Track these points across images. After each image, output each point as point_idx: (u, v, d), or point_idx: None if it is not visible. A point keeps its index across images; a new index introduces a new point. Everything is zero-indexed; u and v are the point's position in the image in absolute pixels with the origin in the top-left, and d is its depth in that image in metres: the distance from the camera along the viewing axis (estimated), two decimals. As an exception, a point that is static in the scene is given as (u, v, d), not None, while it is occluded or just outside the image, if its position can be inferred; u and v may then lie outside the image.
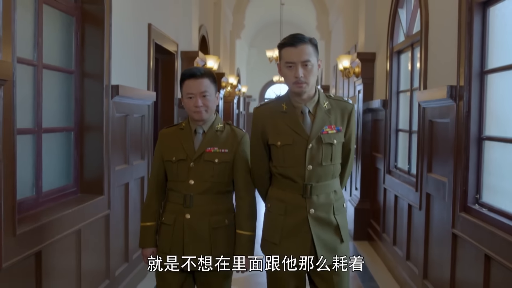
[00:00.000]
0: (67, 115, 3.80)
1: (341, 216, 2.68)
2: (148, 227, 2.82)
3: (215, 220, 2.71)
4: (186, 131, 2.79)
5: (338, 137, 2.65)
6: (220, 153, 2.74)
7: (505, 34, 3.12)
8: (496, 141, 3.24)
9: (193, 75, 2.70)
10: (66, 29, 3.75)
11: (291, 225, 2.61)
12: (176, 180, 2.75)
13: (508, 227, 2.83)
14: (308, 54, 2.55)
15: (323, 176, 2.63)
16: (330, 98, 2.71)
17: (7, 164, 2.57)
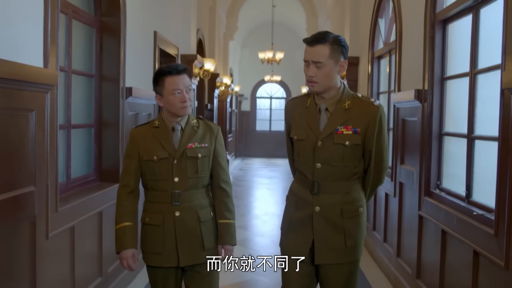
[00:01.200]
0: (89, 113, 4.39)
1: (352, 220, 2.64)
2: (126, 228, 2.71)
3: (203, 214, 2.74)
4: (163, 129, 2.74)
5: (353, 139, 2.58)
6: (201, 147, 2.74)
7: (460, 47, 3.75)
8: (452, 136, 3.88)
9: (177, 71, 2.67)
10: (88, 39, 4.34)
11: (298, 219, 2.67)
12: (158, 179, 2.71)
13: (460, 207, 3.47)
14: (321, 56, 2.51)
15: (332, 175, 2.61)
16: (357, 98, 2.63)
17: (52, 154, 3.16)
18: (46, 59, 3.07)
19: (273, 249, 6.41)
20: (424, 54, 4.16)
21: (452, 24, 3.91)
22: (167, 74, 2.66)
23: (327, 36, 2.52)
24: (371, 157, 2.63)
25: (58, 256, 3.34)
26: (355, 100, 2.61)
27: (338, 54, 2.54)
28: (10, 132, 2.70)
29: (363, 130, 2.58)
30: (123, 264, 2.72)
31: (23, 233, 2.86)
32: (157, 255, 2.71)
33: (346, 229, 2.62)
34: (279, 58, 13.75)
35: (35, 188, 2.95)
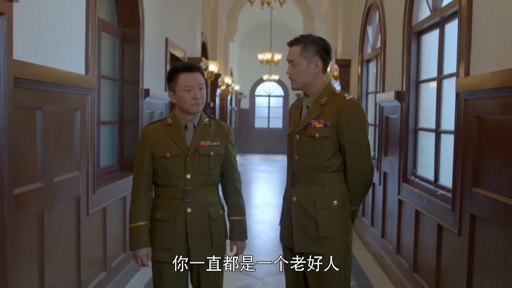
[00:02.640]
0: (113, 112, 5.06)
1: (325, 211, 2.71)
2: (141, 227, 2.74)
3: (213, 211, 2.78)
4: (176, 127, 2.78)
5: (322, 132, 2.69)
6: (213, 146, 2.79)
7: (431, 55, 4.43)
8: (425, 130, 4.57)
9: (190, 68, 2.75)
10: (112, 47, 5.01)
11: (284, 209, 2.87)
12: (170, 176, 2.74)
13: (429, 189, 4.15)
14: (292, 54, 2.73)
15: (307, 167, 2.74)
16: (334, 94, 2.75)
17: (91, 145, 3.84)
18: (87, 67, 3.74)
19: (272, 234, 7.09)
20: (403, 60, 4.84)
21: (425, 35, 4.59)
22: (180, 71, 2.74)
23: (302, 38, 2.73)
24: (345, 152, 2.71)
25: (95, 229, 4.02)
26: (332, 96, 2.73)
27: (311, 54, 2.70)
28: (63, 128, 3.37)
29: (333, 124, 2.68)
30: (137, 262, 2.77)
31: (71, 208, 3.53)
32: (166, 250, 2.73)
33: (319, 220, 2.69)
34: (277, 59, 14.44)
35: (80, 173, 3.62)
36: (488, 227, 2.95)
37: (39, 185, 3.01)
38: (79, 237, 3.64)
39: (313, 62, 2.73)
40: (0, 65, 2.30)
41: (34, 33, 2.92)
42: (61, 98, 3.29)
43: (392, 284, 4.93)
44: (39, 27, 3.00)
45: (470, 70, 3.26)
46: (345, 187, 2.77)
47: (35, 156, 2.98)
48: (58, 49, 3.30)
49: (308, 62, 2.72)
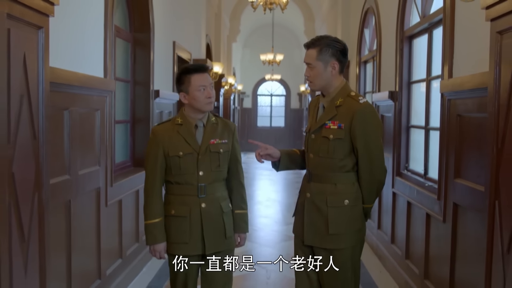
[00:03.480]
0: (126, 112, 5.42)
1: (336, 210, 2.80)
2: (157, 223, 2.89)
3: (224, 205, 2.96)
4: (187, 126, 2.90)
5: (336, 133, 2.76)
6: (222, 143, 2.93)
7: (421, 58, 4.78)
8: (416, 128, 4.92)
9: (202, 69, 2.88)
10: (125, 51, 5.37)
11: (298, 204, 3.00)
12: (184, 174, 2.87)
13: (419, 182, 4.50)
14: (309, 58, 2.79)
15: (320, 166, 2.84)
16: (349, 96, 2.80)
17: (110, 142, 4.20)
18: (106, 71, 4.10)
19: (275, 227, 7.45)
20: (396, 62, 5.19)
21: (416, 39, 4.94)
22: (193, 72, 2.85)
23: (318, 41, 2.78)
24: (358, 154, 2.77)
25: (112, 219, 4.38)
26: (347, 98, 2.79)
27: (327, 56, 2.76)
28: (85, 126, 3.73)
29: (347, 126, 2.74)
30: (155, 255, 2.93)
31: (92, 199, 3.89)
32: (183, 244, 2.88)
33: (330, 217, 2.79)
34: (279, 59, 14.81)
35: (100, 167, 3.99)
36: (468, 213, 3.31)
37: (67, 177, 3.37)
38: (99, 225, 4.00)
39: (330, 65, 2.77)
40: (39, 72, 2.66)
41: (61, 42, 3.28)
42: (84, 100, 3.65)
43: (387, 271, 5.28)
44: (66, 37, 3.35)
45: (453, 73, 3.62)
46: (357, 186, 2.84)
47: (63, 151, 3.34)
48: (81, 56, 3.66)
49: (324, 65, 2.77)
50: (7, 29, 2.33)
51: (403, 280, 4.68)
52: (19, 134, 2.45)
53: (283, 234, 6.89)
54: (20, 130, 2.46)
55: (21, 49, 2.46)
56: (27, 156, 2.54)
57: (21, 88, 2.47)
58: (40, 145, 2.67)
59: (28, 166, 2.55)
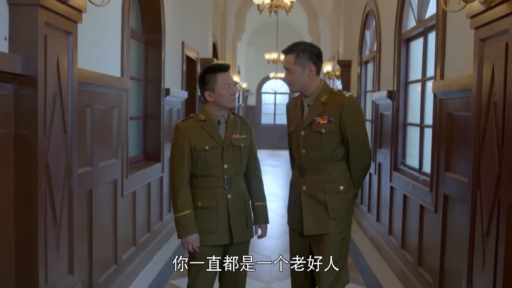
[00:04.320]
0: (138, 109, 5.73)
1: (333, 196, 3.04)
2: (187, 215, 2.98)
3: (246, 197, 3.14)
4: (210, 122, 3.05)
5: (327, 127, 3.00)
6: (242, 138, 3.10)
7: (417, 60, 5.08)
8: (412, 125, 5.22)
9: (226, 68, 3.05)
10: (138, 51, 5.68)
11: (293, 198, 3.17)
12: (210, 167, 3.01)
13: (414, 176, 4.81)
14: (288, 63, 3.03)
15: (314, 159, 3.05)
16: (332, 92, 3.07)
17: (126, 137, 4.51)
18: (122, 70, 4.41)
19: (278, 220, 7.75)
20: (394, 63, 5.49)
21: (413, 42, 5.24)
22: (218, 71, 3.01)
23: (295, 47, 3.02)
24: (348, 143, 3.04)
25: (127, 209, 4.70)
26: (331, 95, 3.05)
27: (304, 60, 3.00)
28: (104, 122, 4.04)
29: (336, 119, 3.00)
30: (188, 248, 2.99)
31: (110, 190, 4.21)
32: (211, 234, 3.01)
33: (329, 203, 3.03)
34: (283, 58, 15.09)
35: (117, 160, 4.30)
36: (456, 203, 3.61)
37: (89, 169, 3.68)
38: (116, 214, 4.32)
39: (307, 68, 3.02)
40: (69, 72, 2.97)
41: (85, 45, 3.58)
42: (104, 97, 3.96)
43: (384, 261, 5.59)
44: (88, 39, 3.65)
45: (444, 74, 3.92)
46: (348, 173, 3.11)
47: (86, 145, 3.65)
48: (101, 56, 3.97)
49: (302, 68, 3.01)
50: (45, 35, 2.64)
51: (399, 268, 4.98)
52: (53, 128, 2.77)
53: (286, 227, 7.17)
54: (54, 125, 2.78)
55: (55, 52, 2.77)
56: (59, 148, 2.85)
57: (55, 87, 2.79)
58: (69, 138, 2.99)
59: (59, 157, 2.87)
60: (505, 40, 2.59)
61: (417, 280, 4.44)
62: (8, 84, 2.53)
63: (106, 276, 4.11)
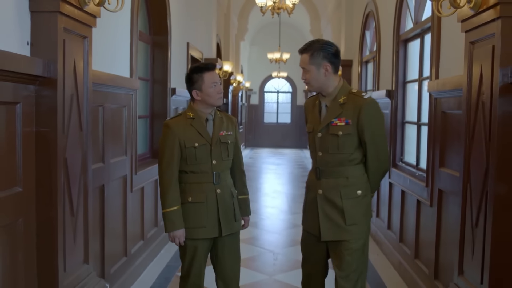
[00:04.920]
0: (145, 108, 5.94)
1: (350, 201, 2.93)
2: (176, 211, 3.08)
3: (233, 190, 3.25)
4: (198, 120, 3.13)
5: (345, 129, 2.89)
6: (229, 135, 3.20)
7: (414, 60, 5.27)
8: (410, 123, 5.41)
9: (213, 67, 3.15)
10: (145, 53, 5.88)
11: (308, 201, 3.10)
12: (199, 163, 3.10)
13: (411, 172, 5.00)
14: (303, 63, 2.95)
15: (331, 162, 2.95)
16: (351, 93, 2.95)
17: (135, 135, 4.71)
18: (131, 71, 4.62)
19: (281, 216, 7.96)
20: (392, 64, 5.68)
21: (410, 43, 5.43)
22: (204, 70, 3.09)
23: (310, 46, 2.94)
24: (366, 146, 2.92)
25: (136, 204, 4.90)
26: (349, 95, 2.94)
27: (319, 59, 2.91)
28: (115, 121, 4.24)
29: (354, 121, 2.88)
30: (174, 241, 3.12)
31: (120, 185, 4.41)
32: (202, 228, 3.11)
33: (346, 209, 2.91)
34: (286, 58, 15.31)
35: (126, 157, 4.50)
36: (450, 197, 3.80)
37: (101, 165, 3.89)
38: (125, 209, 4.52)
39: (322, 67, 2.92)
40: (85, 74, 3.17)
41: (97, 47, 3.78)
42: (115, 97, 4.16)
43: (383, 254, 5.78)
44: (100, 42, 3.85)
45: (439, 74, 4.11)
46: (366, 177, 3.00)
47: (98, 142, 3.85)
48: (112, 58, 4.17)
49: (317, 68, 2.92)
50: (63, 40, 2.85)
51: (397, 260, 5.18)
52: (70, 126, 2.98)
53: (289, 222, 7.41)
54: (71, 123, 2.98)
55: (72, 56, 2.97)
56: (75, 144, 3.06)
57: (72, 88, 2.99)
58: (84, 136, 3.20)
59: (76, 153, 3.08)
60: (492, 43, 2.79)
61: (414, 271, 4.63)
62: (30, 86, 2.73)
63: (117, 268, 4.31)
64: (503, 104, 2.71)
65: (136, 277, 4.79)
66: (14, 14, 2.64)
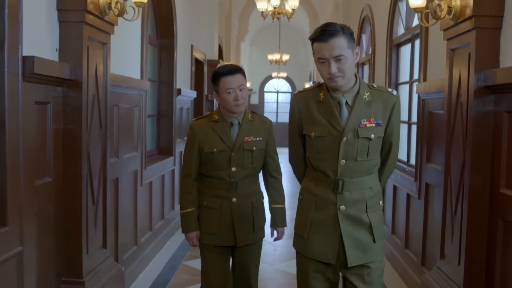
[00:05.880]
0: (152, 107, 6.29)
1: (375, 214, 2.52)
2: (191, 213, 3.04)
3: (255, 200, 3.05)
4: (222, 124, 2.99)
5: (377, 131, 2.46)
6: (256, 141, 3.00)
7: (406, 63, 5.62)
8: (402, 122, 5.75)
9: (231, 72, 2.92)
10: (152, 55, 6.23)
11: (320, 221, 2.51)
12: (217, 169, 2.98)
13: (402, 168, 5.35)
14: (340, 48, 2.33)
15: (357, 171, 2.47)
16: (373, 88, 2.51)
17: (144, 132, 5.07)
18: (142, 73, 4.97)
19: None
20: (386, 66, 6.03)
21: (402, 47, 5.78)
22: (221, 75, 2.93)
23: (335, 29, 2.35)
24: (390, 149, 2.57)
25: (145, 197, 5.26)
26: (373, 91, 2.50)
27: (352, 43, 2.39)
28: (128, 119, 4.58)
29: (385, 122, 2.49)
30: (189, 242, 3.10)
31: (132, 179, 4.76)
32: (212, 235, 3.03)
33: (373, 224, 2.49)
34: (285, 59, 15.68)
35: (137, 153, 4.85)
36: (435, 189, 4.15)
37: (116, 160, 4.23)
38: (136, 201, 4.87)
39: (355, 52, 2.43)
40: (104, 77, 3.53)
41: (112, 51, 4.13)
42: (128, 97, 4.51)
43: (377, 246, 6.13)
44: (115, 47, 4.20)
45: (427, 77, 4.46)
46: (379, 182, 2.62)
47: (113, 138, 4.20)
48: (125, 61, 4.52)
49: (353, 54, 2.41)
50: (87, 46, 3.20)
51: (389, 251, 5.53)
52: (92, 123, 3.33)
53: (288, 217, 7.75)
54: (93, 121, 3.34)
55: (94, 61, 3.33)
56: (96, 140, 3.41)
57: (94, 90, 3.35)
58: (103, 132, 3.55)
59: (97, 148, 3.43)
60: (468, 51, 3.14)
61: (404, 260, 4.99)
62: (58, 88, 3.09)
63: (128, 255, 4.66)
64: (477, 105, 3.07)
65: (146, 265, 5.14)
66: (45, 24, 2.99)
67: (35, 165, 2.87)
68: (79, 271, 3.23)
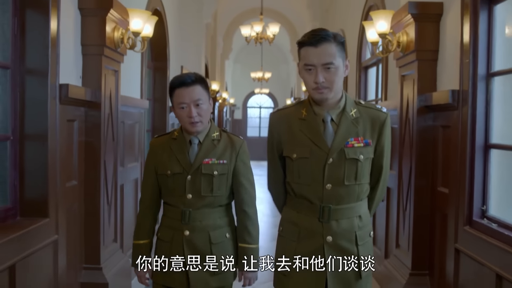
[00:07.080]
0: (148, 123, 6.98)
1: (365, 246, 2.26)
2: (141, 245, 2.57)
3: (215, 236, 2.50)
4: (180, 142, 2.51)
5: (366, 152, 2.22)
6: (218, 164, 2.50)
7: (373, 83, 6.39)
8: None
9: (184, 83, 2.42)
10: (148, 76, 6.94)
11: (304, 254, 2.25)
12: (172, 195, 2.50)
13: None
14: (331, 55, 2.13)
15: (345, 197, 2.21)
16: (360, 105, 2.29)
17: (143, 145, 5.76)
18: (142, 93, 5.68)
19: (263, 218, 9.01)
20: (356, 86, 6.82)
21: (369, 70, 6.58)
22: (173, 86, 2.47)
23: (327, 33, 2.16)
24: (381, 172, 2.32)
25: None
26: (360, 107, 2.28)
27: (343, 53, 2.19)
28: (130, 134, 5.28)
29: (374, 142, 2.25)
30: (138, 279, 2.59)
31: (133, 186, 5.44)
32: (161, 273, 2.50)
33: (362, 257, 2.23)
34: (267, 77, 16.51)
35: (137, 163, 5.55)
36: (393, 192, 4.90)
37: (122, 169, 4.93)
38: (136, 205, 5.55)
39: (345, 64, 2.23)
40: (116, 98, 4.24)
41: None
42: (131, 115, 5.22)
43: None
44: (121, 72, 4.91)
45: (387, 97, 5.24)
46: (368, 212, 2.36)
47: (121, 150, 4.89)
48: (128, 83, 5.23)
49: (343, 64, 2.21)
50: (104, 74, 3.91)
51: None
52: (107, 137, 4.04)
53: (271, 223, 8.48)
54: (107, 135, 4.04)
55: (109, 86, 4.04)
56: (110, 151, 4.12)
57: (108, 109, 4.06)
58: (115, 144, 4.25)
59: (110, 158, 4.13)
60: (413, 77, 3.93)
61: (371, 255, 5.72)
62: (81, 108, 3.79)
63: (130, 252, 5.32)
64: (420, 121, 3.84)
65: (145, 262, 5.80)
66: (73, 57, 3.71)
67: (66, 170, 3.56)
68: (98, 259, 3.90)
